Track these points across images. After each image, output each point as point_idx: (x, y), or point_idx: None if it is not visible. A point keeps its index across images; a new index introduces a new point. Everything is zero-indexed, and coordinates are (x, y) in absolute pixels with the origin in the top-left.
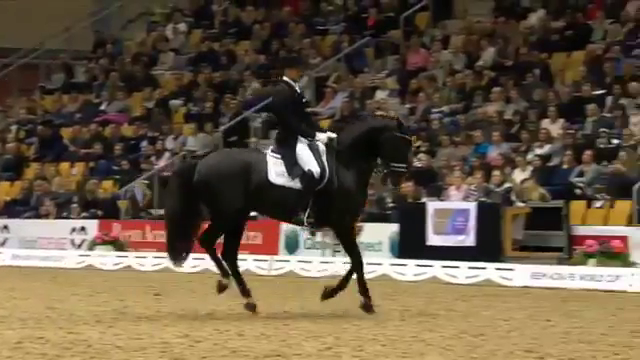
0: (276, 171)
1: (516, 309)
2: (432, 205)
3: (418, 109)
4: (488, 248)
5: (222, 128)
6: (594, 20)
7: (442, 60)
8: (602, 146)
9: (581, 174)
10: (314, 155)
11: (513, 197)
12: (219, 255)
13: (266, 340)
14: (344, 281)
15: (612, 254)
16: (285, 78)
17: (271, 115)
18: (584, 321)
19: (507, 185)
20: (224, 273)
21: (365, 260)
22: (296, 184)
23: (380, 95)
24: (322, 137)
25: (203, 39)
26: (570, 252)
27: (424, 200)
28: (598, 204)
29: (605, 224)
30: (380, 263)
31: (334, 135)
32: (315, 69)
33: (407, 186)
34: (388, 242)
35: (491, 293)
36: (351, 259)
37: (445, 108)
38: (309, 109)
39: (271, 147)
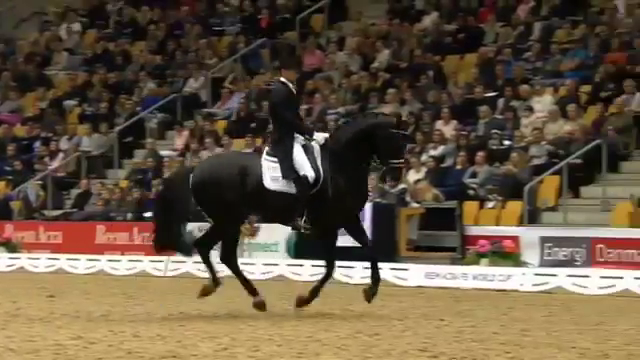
0: (271, 176)
1: (410, 308)
2: None
3: (314, 110)
4: (383, 248)
5: (117, 129)
6: (486, 23)
7: (338, 61)
8: (494, 147)
9: (474, 175)
10: (309, 158)
11: (407, 198)
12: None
13: (162, 341)
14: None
15: (504, 254)
16: (282, 79)
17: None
18: (476, 320)
19: (402, 186)
20: (213, 279)
21: (261, 261)
22: (291, 189)
23: None
24: (319, 137)
25: (98, 39)
26: (463, 252)
27: None
28: (490, 205)
29: (497, 224)
30: (276, 264)
31: (328, 135)
32: (212, 70)
33: None
34: (284, 243)
35: (386, 293)
36: (329, 261)
37: (341, 109)
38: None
39: (266, 149)
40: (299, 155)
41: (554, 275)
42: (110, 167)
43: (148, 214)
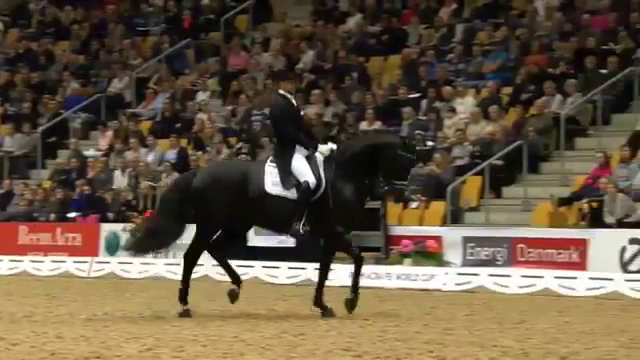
0: (272, 181)
1: (335, 308)
2: None
3: (239, 111)
4: (308, 249)
5: (40, 129)
6: (409, 25)
7: (262, 62)
8: (418, 148)
9: None
10: (311, 166)
11: None
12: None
13: (85, 342)
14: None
15: (427, 254)
16: (281, 91)
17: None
18: (400, 319)
19: None
20: (234, 280)
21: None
22: (292, 194)
23: (201, 97)
24: (323, 149)
25: (20, 38)
26: (387, 252)
27: None
28: (414, 205)
29: (420, 224)
30: (202, 264)
31: (335, 146)
32: (136, 70)
33: None
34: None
35: (311, 293)
36: (322, 265)
37: (266, 110)
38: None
39: (270, 157)
40: (300, 163)
41: (476, 274)
42: (33, 167)
43: (72, 214)
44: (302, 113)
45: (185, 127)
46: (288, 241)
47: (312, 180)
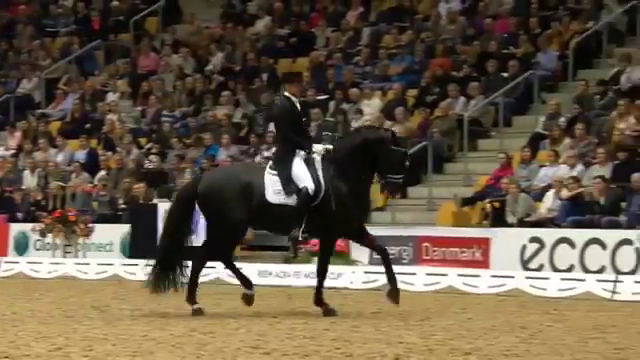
0: (273, 190)
1: (244, 307)
2: (163, 206)
3: (149, 112)
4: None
5: None
6: (317, 28)
7: (172, 64)
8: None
9: None
10: (310, 171)
11: None
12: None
13: None
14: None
15: (335, 253)
16: (286, 93)
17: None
18: (308, 317)
19: None
20: (245, 284)
21: (96, 261)
22: (293, 201)
23: (111, 98)
24: (319, 148)
25: None
26: (295, 251)
27: (155, 201)
28: None
29: None
30: (111, 263)
31: (330, 147)
32: (45, 71)
33: (138, 187)
34: (119, 243)
35: (221, 291)
36: (320, 270)
37: (176, 111)
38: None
39: (269, 163)
40: (299, 168)
41: (382, 273)
42: None
43: None
44: (304, 118)
45: (95, 128)
46: (196, 241)
47: (311, 186)
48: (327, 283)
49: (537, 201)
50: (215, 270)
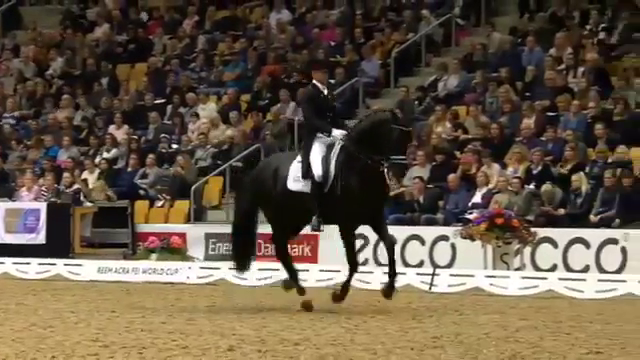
0: (294, 177)
1: (83, 302)
2: (3, 205)
3: None
4: (58, 245)
5: None
6: (154, 35)
7: (13, 68)
8: (163, 151)
9: (144, 176)
10: (325, 157)
11: (82, 197)
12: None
13: None
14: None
15: (172, 249)
16: (314, 80)
17: None
18: (146, 311)
19: (76, 186)
20: (292, 275)
21: None
22: (308, 188)
23: None
24: (337, 133)
25: None
26: (134, 248)
27: None
28: (160, 204)
29: (166, 222)
30: None
31: (345, 132)
32: None
33: None
34: None
35: (60, 287)
36: (350, 261)
37: (16, 113)
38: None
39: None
40: (315, 155)
41: (217, 268)
42: None
43: None
44: (334, 103)
45: None
46: (38, 238)
47: (318, 172)
48: (164, 278)
49: None
50: (56, 267)
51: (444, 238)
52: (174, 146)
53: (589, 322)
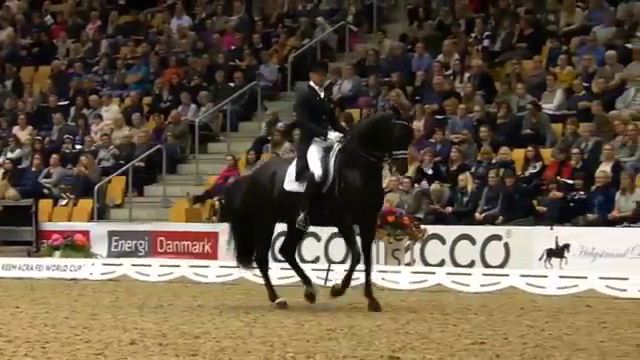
0: (289, 178)
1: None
2: None
3: None
4: None
5: None
6: (58, 39)
7: None
8: (67, 151)
9: (48, 176)
10: (323, 158)
11: None
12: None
13: None
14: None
15: (75, 247)
16: (310, 83)
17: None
18: (50, 307)
19: None
20: (306, 281)
21: None
22: (303, 188)
23: None
24: (333, 136)
25: None
26: (38, 245)
27: None
28: (63, 202)
29: (69, 220)
30: None
31: (342, 135)
32: None
33: None
34: None
35: None
36: (352, 256)
37: None
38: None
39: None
40: (312, 156)
41: (120, 265)
42: None
43: None
44: (331, 105)
45: None
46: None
47: (318, 172)
48: (68, 275)
49: None
50: None
51: (339, 235)
52: (78, 147)
53: (474, 314)
